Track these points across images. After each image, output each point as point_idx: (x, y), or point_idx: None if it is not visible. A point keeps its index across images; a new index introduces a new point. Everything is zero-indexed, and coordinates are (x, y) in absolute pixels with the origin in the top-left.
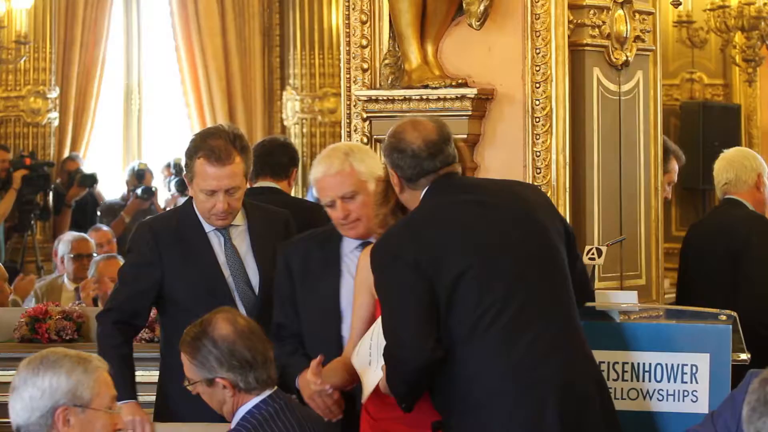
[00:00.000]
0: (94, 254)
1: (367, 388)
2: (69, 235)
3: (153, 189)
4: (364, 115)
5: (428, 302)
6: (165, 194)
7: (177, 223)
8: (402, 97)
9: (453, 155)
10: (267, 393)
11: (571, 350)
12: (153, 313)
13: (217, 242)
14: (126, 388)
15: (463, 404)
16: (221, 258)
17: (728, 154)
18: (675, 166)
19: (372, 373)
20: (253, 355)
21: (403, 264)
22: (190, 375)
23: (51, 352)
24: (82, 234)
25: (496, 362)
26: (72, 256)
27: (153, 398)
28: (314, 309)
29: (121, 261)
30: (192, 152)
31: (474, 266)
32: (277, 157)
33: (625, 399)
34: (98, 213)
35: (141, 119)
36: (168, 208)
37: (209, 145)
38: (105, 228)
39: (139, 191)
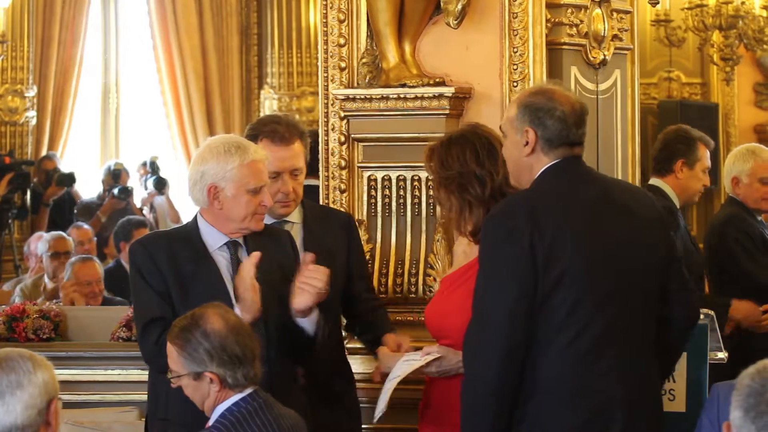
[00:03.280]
0: (72, 252)
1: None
2: (48, 235)
3: (129, 188)
4: (342, 114)
5: (532, 291)
6: (141, 193)
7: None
8: (380, 96)
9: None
10: (248, 391)
11: (644, 374)
12: (130, 311)
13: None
14: None
15: (525, 406)
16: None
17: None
18: (705, 152)
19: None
20: (243, 351)
21: (517, 241)
22: (176, 367)
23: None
24: (60, 232)
25: (574, 374)
26: (50, 254)
27: (131, 397)
28: (199, 304)
29: (97, 263)
30: (252, 137)
31: (580, 271)
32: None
33: None
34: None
35: (118, 118)
36: (144, 207)
37: (270, 128)
38: (85, 226)
39: (115, 191)
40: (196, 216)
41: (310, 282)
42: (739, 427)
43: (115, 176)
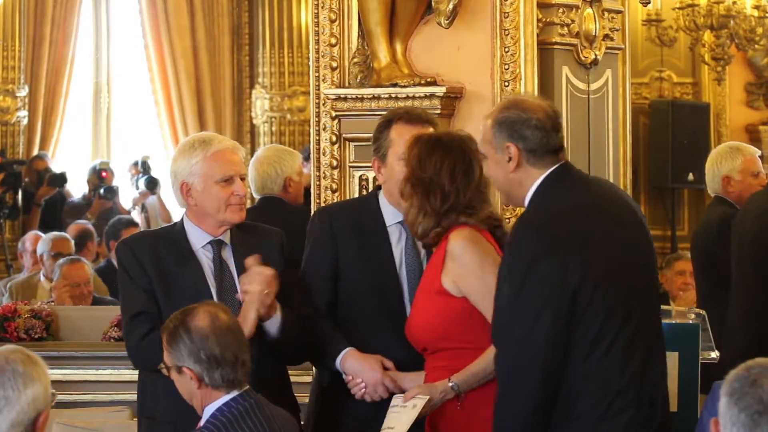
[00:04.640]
0: (73, 253)
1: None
2: (49, 235)
3: (115, 188)
4: (333, 114)
5: (567, 312)
6: (132, 193)
7: (357, 212)
8: (371, 96)
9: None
10: (236, 392)
11: (664, 363)
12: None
13: (396, 238)
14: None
15: (563, 419)
16: (397, 255)
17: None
18: None
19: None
20: (223, 352)
21: (549, 264)
22: (165, 359)
23: None
24: (63, 233)
25: (613, 378)
26: (53, 254)
27: (122, 397)
28: (183, 303)
29: (86, 264)
30: (385, 123)
31: (611, 278)
32: None
33: None
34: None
35: (110, 118)
36: (135, 207)
37: (403, 110)
38: (82, 221)
39: (101, 191)
40: (182, 217)
41: (245, 288)
42: (724, 413)
43: (100, 176)
